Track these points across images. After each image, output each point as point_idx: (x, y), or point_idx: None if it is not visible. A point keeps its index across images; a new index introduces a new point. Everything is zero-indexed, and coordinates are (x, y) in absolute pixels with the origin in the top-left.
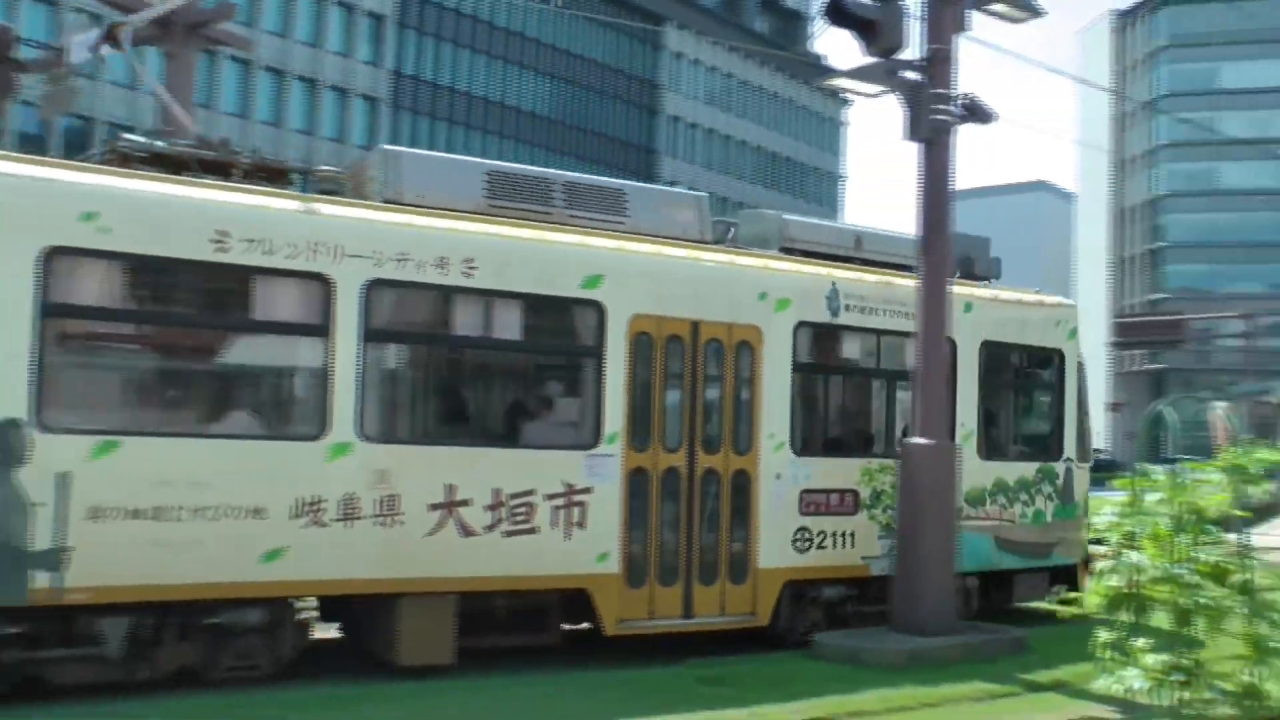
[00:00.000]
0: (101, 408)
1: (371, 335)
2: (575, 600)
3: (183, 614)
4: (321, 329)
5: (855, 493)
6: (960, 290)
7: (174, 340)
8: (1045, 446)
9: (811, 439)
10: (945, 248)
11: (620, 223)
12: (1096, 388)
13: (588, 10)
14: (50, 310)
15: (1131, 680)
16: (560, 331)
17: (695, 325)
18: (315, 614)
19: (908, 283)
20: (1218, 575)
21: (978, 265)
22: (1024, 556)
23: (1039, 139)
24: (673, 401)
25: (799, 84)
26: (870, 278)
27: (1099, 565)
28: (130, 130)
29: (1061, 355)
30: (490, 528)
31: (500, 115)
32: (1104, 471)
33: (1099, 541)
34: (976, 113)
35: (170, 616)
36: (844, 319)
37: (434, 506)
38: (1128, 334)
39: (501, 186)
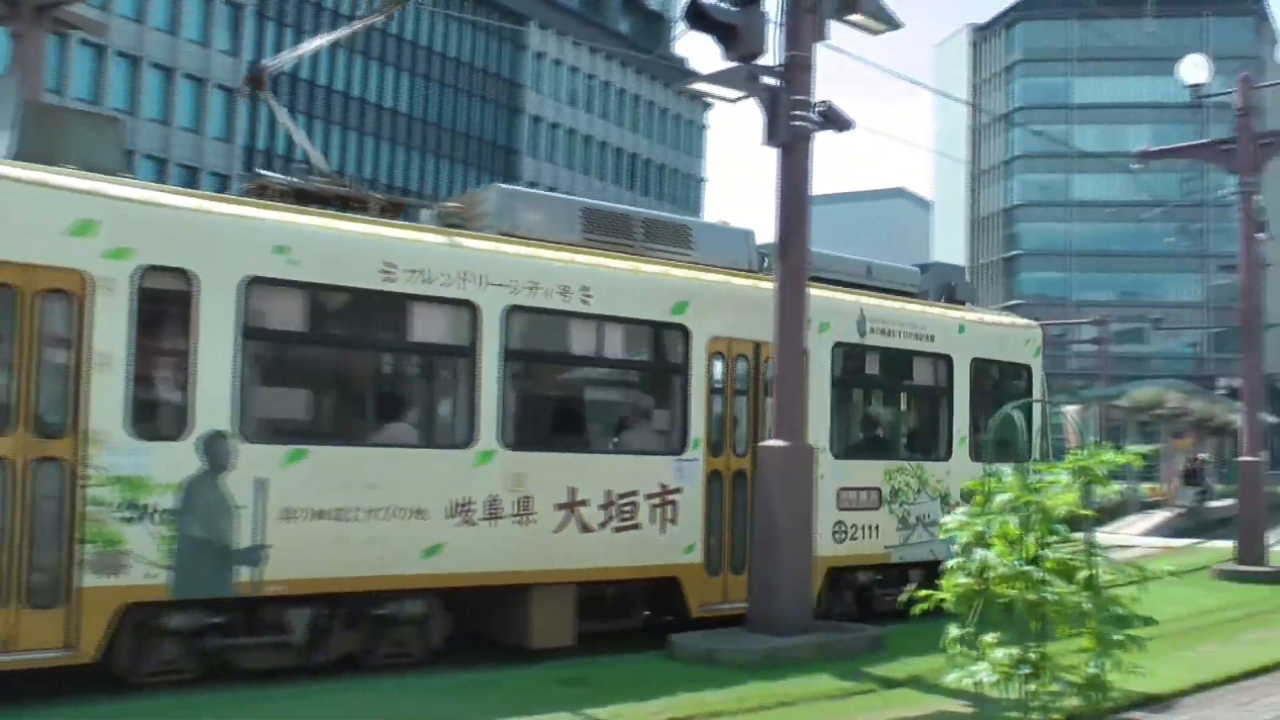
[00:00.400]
0: (291, 420)
1: (509, 355)
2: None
3: (351, 605)
4: (469, 350)
5: (879, 490)
6: (954, 314)
7: (349, 359)
8: (1017, 448)
9: (845, 444)
10: (803, 251)
11: (687, 254)
12: None
13: (450, 8)
14: (249, 333)
15: (980, 674)
16: (655, 351)
17: (757, 345)
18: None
19: (916, 307)
20: (1064, 572)
21: (958, 291)
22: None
23: (898, 147)
24: (740, 412)
25: (661, 86)
26: (888, 304)
27: (950, 563)
28: None
29: (1030, 370)
30: (603, 524)
31: (360, 111)
32: None
33: (950, 540)
34: (834, 120)
35: (341, 607)
36: (869, 340)
37: (559, 506)
38: None
39: (594, 222)
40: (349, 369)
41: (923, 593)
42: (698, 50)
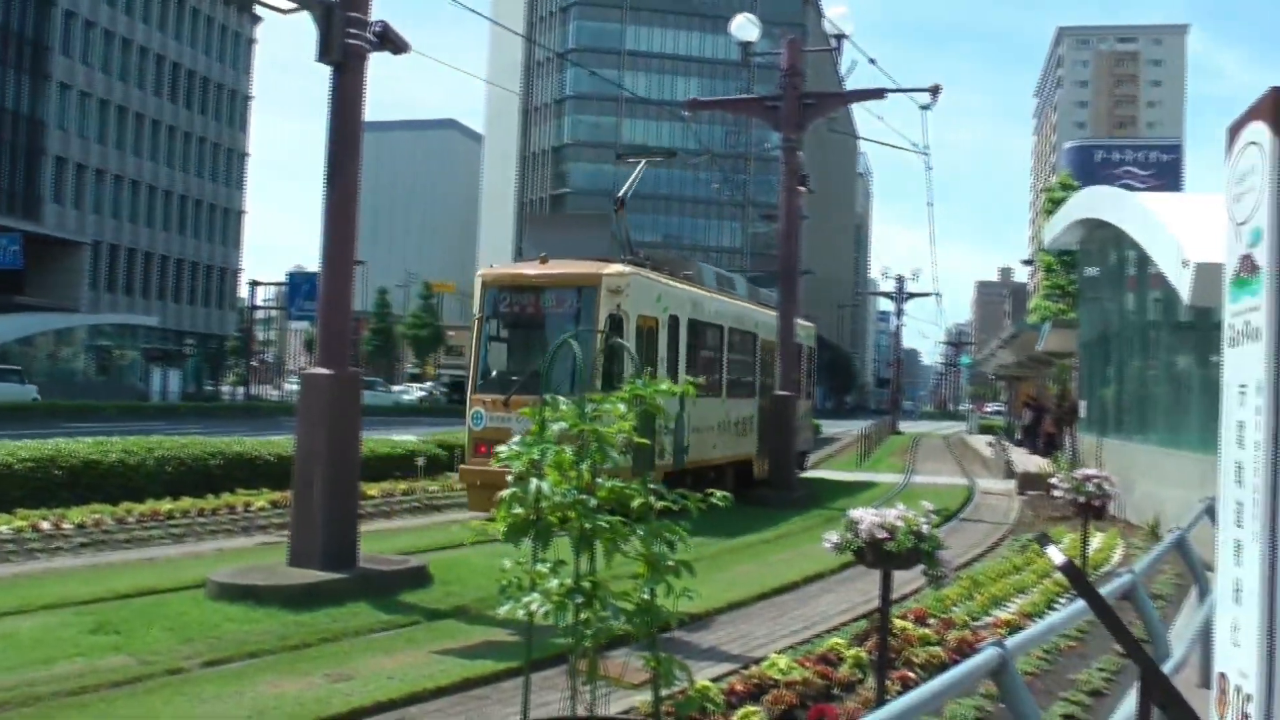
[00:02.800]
0: (706, 385)
1: (757, 357)
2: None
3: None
4: (755, 353)
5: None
6: (804, 322)
7: (713, 357)
8: (810, 393)
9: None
10: (355, 174)
11: (743, 297)
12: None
13: None
14: (691, 346)
15: (533, 605)
16: (761, 349)
17: (803, 346)
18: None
19: (803, 322)
20: (619, 500)
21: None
22: (811, 446)
23: (452, 78)
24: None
25: None
26: (801, 321)
27: (502, 494)
28: None
29: (813, 349)
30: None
31: None
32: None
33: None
34: (390, 41)
35: (709, 474)
36: (801, 340)
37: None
38: None
39: (719, 281)
40: (713, 362)
41: (475, 523)
42: None
